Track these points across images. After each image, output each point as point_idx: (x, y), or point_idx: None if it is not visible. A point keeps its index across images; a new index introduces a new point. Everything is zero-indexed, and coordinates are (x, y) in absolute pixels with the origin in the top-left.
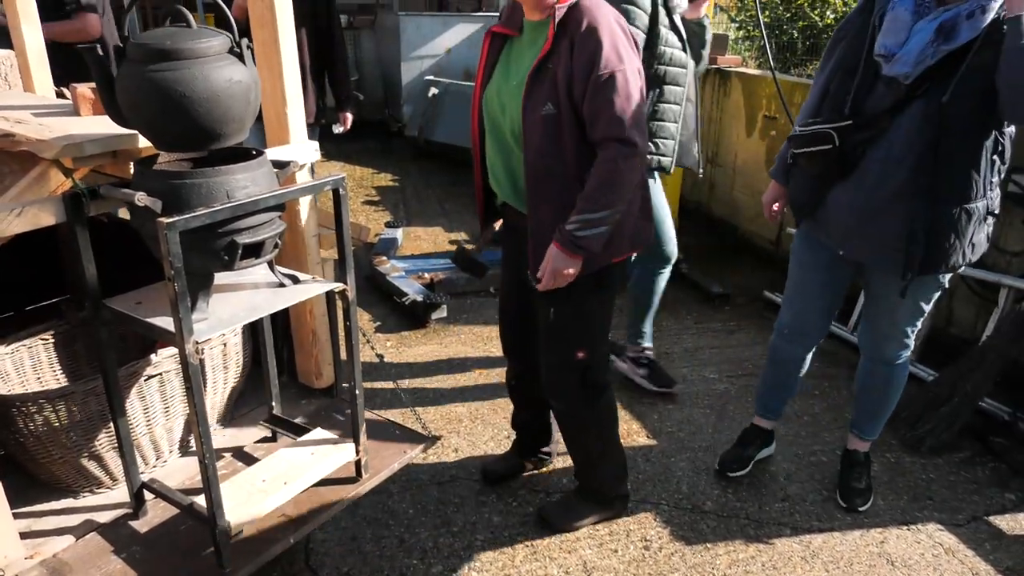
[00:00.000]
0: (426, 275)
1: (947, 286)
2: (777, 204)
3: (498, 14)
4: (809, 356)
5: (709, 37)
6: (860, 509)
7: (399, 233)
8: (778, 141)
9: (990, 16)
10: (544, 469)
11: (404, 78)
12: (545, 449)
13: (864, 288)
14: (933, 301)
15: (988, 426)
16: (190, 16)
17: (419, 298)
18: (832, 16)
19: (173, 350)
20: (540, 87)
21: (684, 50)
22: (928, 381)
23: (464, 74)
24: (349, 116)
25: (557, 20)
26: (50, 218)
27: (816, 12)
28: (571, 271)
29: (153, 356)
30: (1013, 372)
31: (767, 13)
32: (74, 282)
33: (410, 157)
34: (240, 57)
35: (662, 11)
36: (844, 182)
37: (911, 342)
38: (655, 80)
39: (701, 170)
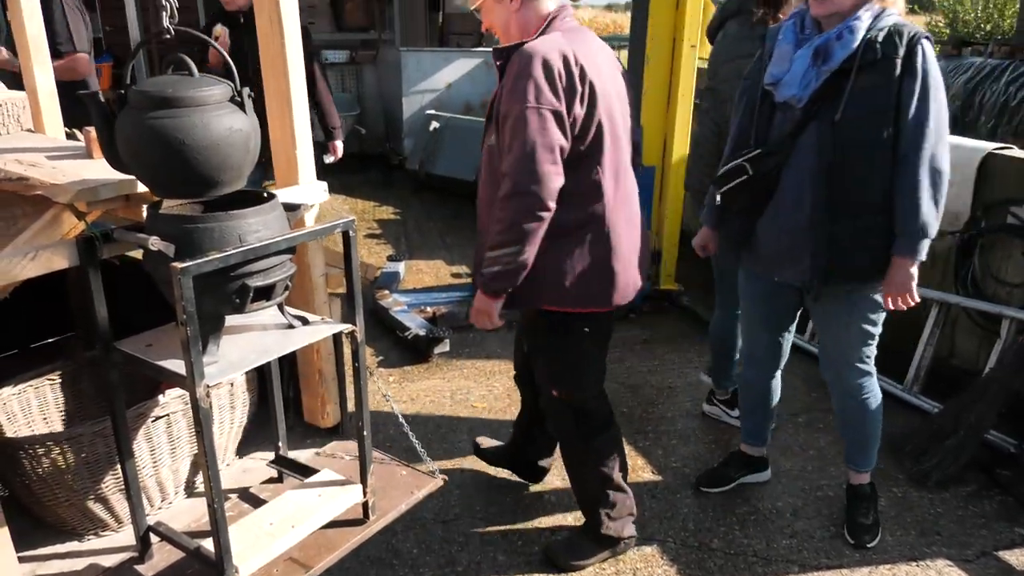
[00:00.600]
0: (428, 309)
1: (892, 306)
2: (708, 246)
3: None
4: (774, 382)
5: None
6: (868, 545)
7: (401, 267)
8: None
9: (859, 35)
10: (537, 487)
11: (405, 112)
12: (543, 463)
13: (812, 317)
14: (878, 323)
15: (994, 458)
16: (192, 65)
17: (421, 332)
18: None
19: (180, 391)
20: (490, 120)
21: None
22: (932, 413)
23: (464, 108)
24: (339, 145)
25: (507, 58)
26: (63, 262)
27: None
28: (488, 310)
29: (161, 397)
30: (1017, 404)
31: None
32: (85, 323)
33: (411, 190)
34: (241, 106)
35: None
36: (767, 210)
37: (868, 367)
38: None
39: None
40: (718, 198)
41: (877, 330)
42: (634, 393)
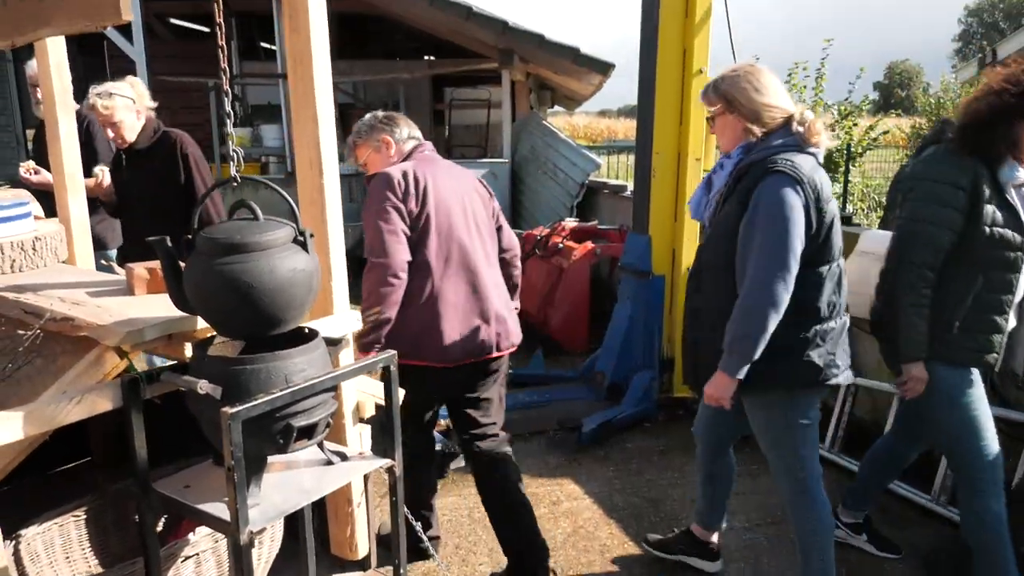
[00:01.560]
0: (442, 422)
1: (792, 412)
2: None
3: (506, 160)
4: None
5: None
6: None
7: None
8: None
9: (728, 169)
10: None
11: None
12: None
13: None
14: (784, 427)
15: None
16: (257, 209)
17: (437, 448)
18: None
19: (208, 530)
20: None
21: (1021, 229)
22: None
23: None
24: None
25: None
26: (108, 404)
27: None
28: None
29: (191, 535)
30: None
31: None
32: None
33: None
34: (303, 246)
35: (986, 187)
36: None
37: (800, 475)
38: (978, 266)
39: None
40: None
41: (788, 434)
42: (656, 507)
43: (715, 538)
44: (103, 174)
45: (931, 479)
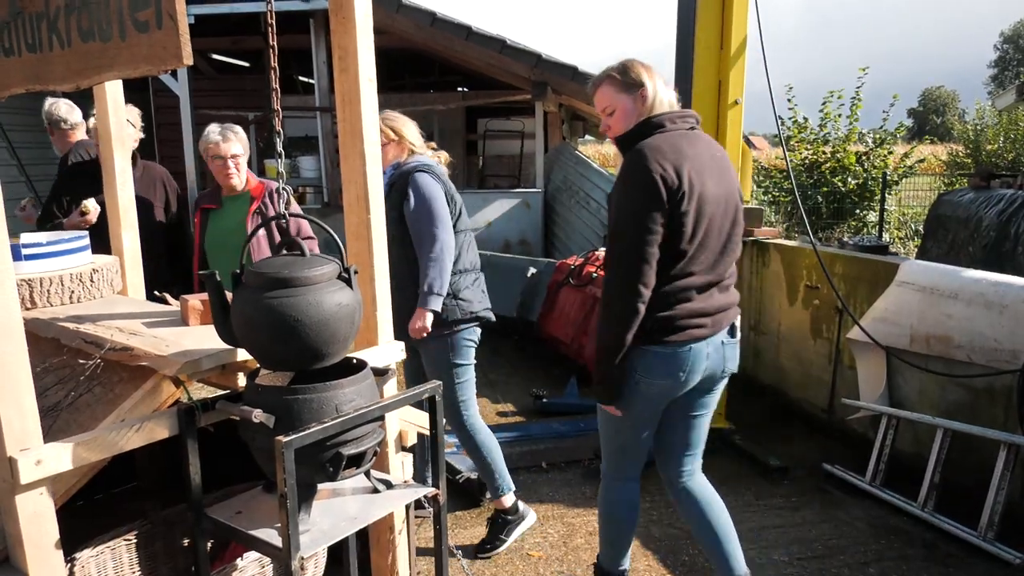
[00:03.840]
0: None
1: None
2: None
3: (539, 190)
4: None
5: None
6: None
7: None
8: (821, 310)
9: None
10: None
11: None
12: None
13: None
14: (450, 364)
15: None
16: (304, 245)
17: (472, 475)
18: (854, 182)
19: (255, 555)
20: None
21: None
22: (1015, 563)
23: (503, 246)
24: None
25: None
26: (164, 432)
27: (838, 179)
28: None
29: (239, 561)
30: None
31: (788, 181)
32: (185, 489)
33: None
34: (348, 282)
35: None
36: None
37: (460, 412)
38: None
39: None
40: None
41: (453, 375)
42: (693, 540)
43: None
44: (95, 211)
45: (977, 514)
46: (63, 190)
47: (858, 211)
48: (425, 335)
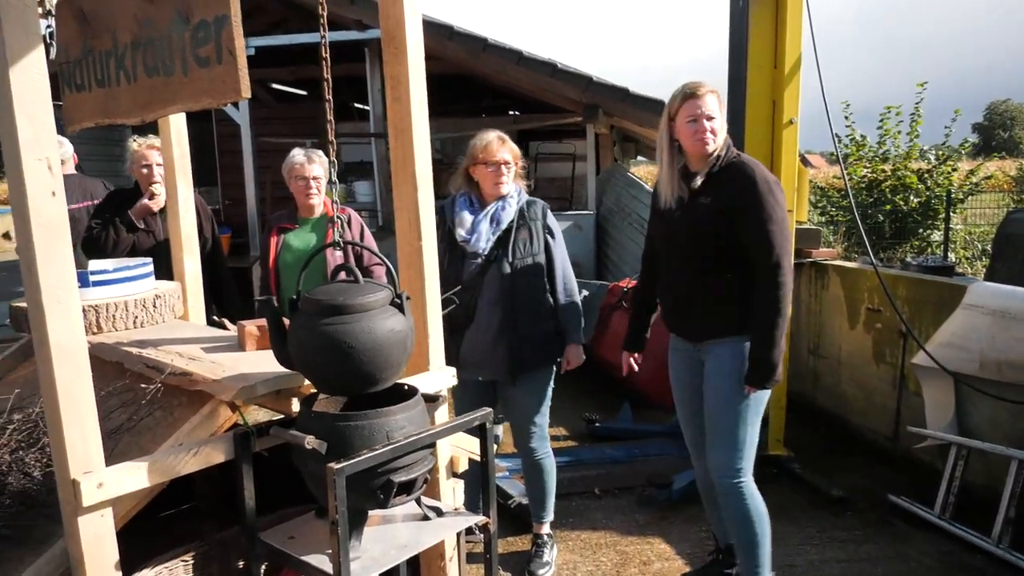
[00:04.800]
0: None
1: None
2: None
3: (591, 212)
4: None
5: None
6: None
7: (499, 429)
8: (884, 333)
9: (513, 207)
10: None
11: None
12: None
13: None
14: (548, 395)
15: None
16: (357, 272)
17: (524, 500)
18: (916, 200)
19: None
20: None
21: None
22: None
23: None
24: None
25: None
26: (220, 456)
27: (899, 197)
28: None
29: None
30: None
31: (846, 200)
32: (239, 513)
33: None
34: (400, 308)
35: None
36: (472, 325)
37: (544, 437)
38: None
39: None
40: None
41: (546, 401)
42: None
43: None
44: (161, 194)
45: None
46: (99, 214)
47: (921, 230)
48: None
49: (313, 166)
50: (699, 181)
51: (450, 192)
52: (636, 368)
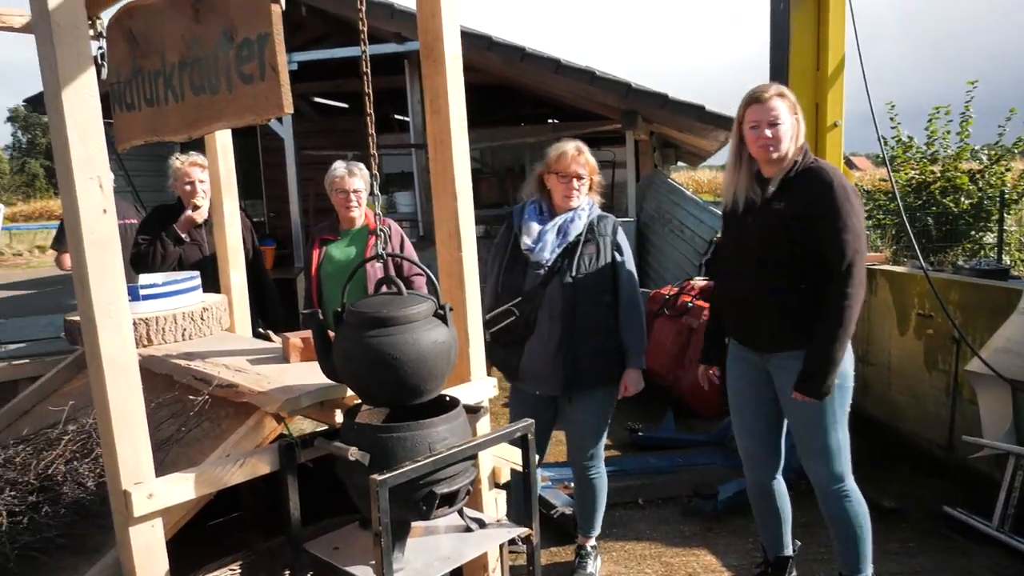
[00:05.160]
0: (572, 485)
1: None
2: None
3: (631, 219)
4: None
5: None
6: None
7: None
8: (935, 339)
9: (583, 221)
10: None
11: None
12: None
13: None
14: (608, 416)
15: None
16: (400, 284)
17: (568, 510)
18: (967, 202)
19: None
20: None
21: None
22: None
23: None
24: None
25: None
26: (266, 467)
27: (949, 199)
28: None
29: None
30: None
31: (893, 203)
32: (284, 524)
33: None
34: (443, 319)
35: None
36: (531, 338)
37: (595, 451)
38: None
39: None
40: (487, 335)
41: (606, 420)
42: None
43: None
44: (204, 206)
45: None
46: (145, 230)
47: (973, 233)
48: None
49: (354, 179)
50: (772, 187)
51: (521, 198)
52: (716, 382)
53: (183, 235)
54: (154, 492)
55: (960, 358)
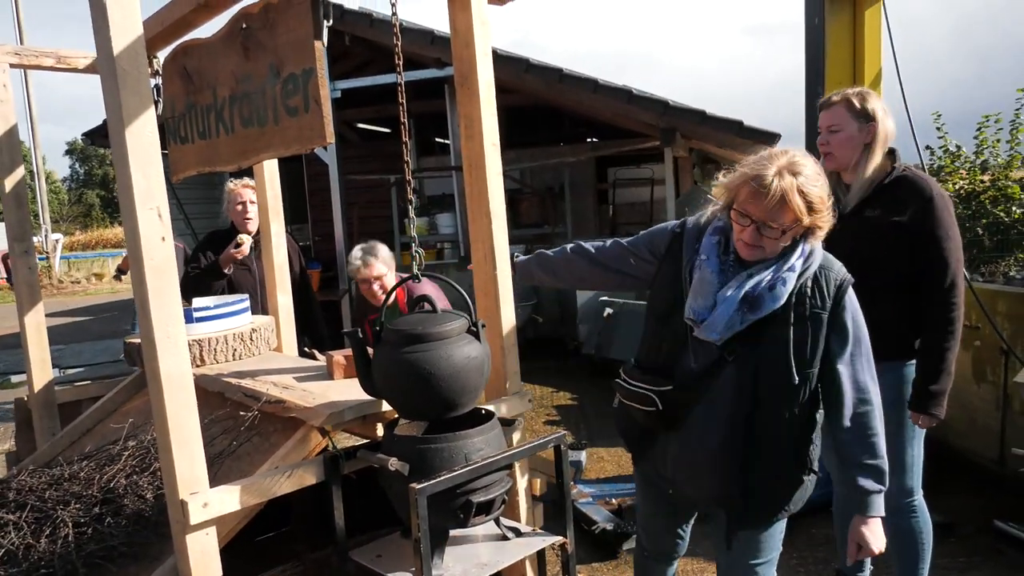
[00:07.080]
0: (613, 500)
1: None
2: None
3: None
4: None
5: None
6: None
7: (583, 455)
8: (984, 352)
9: (789, 287)
10: None
11: (579, 299)
12: None
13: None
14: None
15: None
16: (435, 302)
17: (609, 526)
18: (1019, 211)
19: None
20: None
21: None
22: None
23: (636, 294)
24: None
25: None
26: (312, 478)
27: (1000, 208)
28: None
29: None
30: None
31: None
32: (331, 533)
33: (587, 375)
34: (476, 335)
35: None
36: (669, 435)
37: None
38: None
39: None
40: (616, 401)
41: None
42: None
43: None
44: (247, 242)
45: None
46: (196, 258)
47: None
48: None
49: (372, 268)
50: (859, 194)
51: (699, 216)
52: None
53: (225, 269)
54: (209, 501)
55: (1009, 369)
